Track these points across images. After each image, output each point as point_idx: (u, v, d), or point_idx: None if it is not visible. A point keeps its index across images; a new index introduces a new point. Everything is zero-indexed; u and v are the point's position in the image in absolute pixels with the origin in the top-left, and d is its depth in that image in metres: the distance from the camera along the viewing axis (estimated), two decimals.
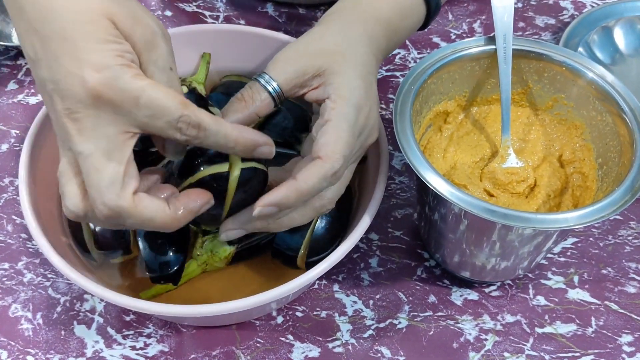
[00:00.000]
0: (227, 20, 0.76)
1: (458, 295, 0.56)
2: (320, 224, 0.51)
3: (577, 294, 0.57)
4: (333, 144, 0.44)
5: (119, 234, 0.51)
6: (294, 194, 0.44)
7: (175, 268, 0.50)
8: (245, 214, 0.47)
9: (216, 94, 0.58)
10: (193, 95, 0.57)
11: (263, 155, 0.45)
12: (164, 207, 0.41)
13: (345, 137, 0.44)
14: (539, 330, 0.54)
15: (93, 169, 0.39)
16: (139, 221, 0.40)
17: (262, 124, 0.56)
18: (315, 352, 0.53)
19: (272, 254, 0.52)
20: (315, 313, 0.55)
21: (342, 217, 0.53)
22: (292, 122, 0.56)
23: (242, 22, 0.76)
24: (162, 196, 0.43)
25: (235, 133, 0.42)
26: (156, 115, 0.39)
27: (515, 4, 0.77)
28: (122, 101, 0.38)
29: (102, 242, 0.51)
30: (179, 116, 0.39)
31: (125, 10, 0.40)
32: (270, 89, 0.46)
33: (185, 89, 0.57)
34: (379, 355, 0.53)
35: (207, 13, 0.77)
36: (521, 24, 0.76)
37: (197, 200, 0.43)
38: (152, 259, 0.49)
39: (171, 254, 0.50)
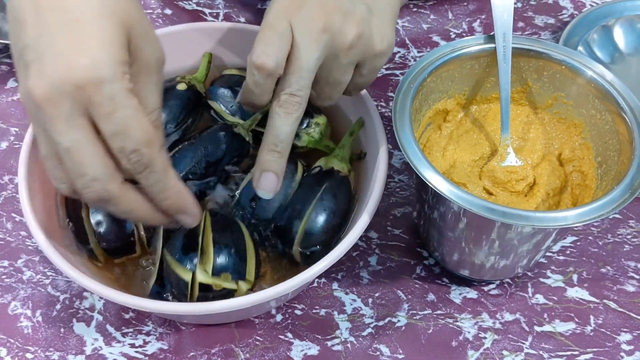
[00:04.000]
0: (227, 17, 0.76)
1: (457, 294, 0.56)
2: (315, 214, 0.51)
3: (576, 293, 0.57)
4: None
5: (123, 235, 0.51)
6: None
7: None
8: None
9: (216, 87, 0.58)
10: (191, 92, 0.58)
11: (182, 222, 0.44)
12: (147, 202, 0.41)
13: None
14: (537, 328, 0.55)
15: (77, 162, 0.38)
16: (124, 210, 0.40)
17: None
18: (314, 350, 0.53)
19: (267, 241, 0.52)
20: (314, 311, 0.55)
21: (339, 209, 0.52)
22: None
23: (242, 19, 0.76)
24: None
25: (174, 189, 0.41)
26: (118, 135, 0.38)
27: (515, 3, 0.77)
28: (99, 105, 0.36)
29: (106, 243, 0.51)
30: (133, 150, 0.38)
31: (142, 26, 0.39)
32: None
33: (184, 86, 0.57)
34: (378, 353, 0.53)
35: (206, 11, 0.77)
36: (520, 24, 0.76)
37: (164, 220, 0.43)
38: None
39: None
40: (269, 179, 0.45)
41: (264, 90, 0.45)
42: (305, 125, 0.55)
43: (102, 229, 0.50)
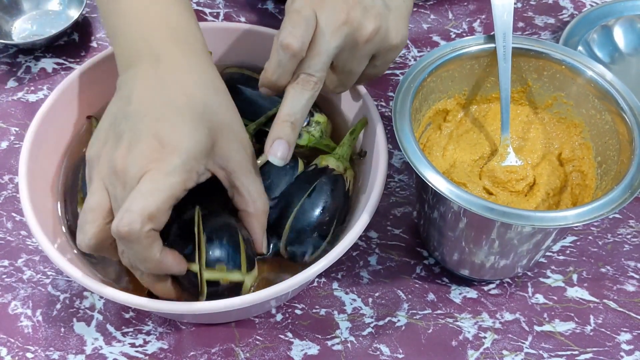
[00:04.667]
0: (227, 17, 0.76)
1: (457, 294, 0.56)
2: (301, 211, 0.51)
3: (576, 292, 0.57)
4: None
5: None
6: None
7: None
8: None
9: None
10: None
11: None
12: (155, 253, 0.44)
13: None
14: (537, 328, 0.55)
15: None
16: (139, 254, 0.43)
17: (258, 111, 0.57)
18: (314, 349, 0.53)
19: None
20: (314, 311, 0.55)
21: (329, 207, 0.52)
22: None
23: (242, 19, 0.76)
24: None
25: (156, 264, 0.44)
26: (133, 257, 0.43)
27: (515, 4, 0.77)
28: (129, 235, 0.41)
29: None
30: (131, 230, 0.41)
31: (231, 134, 0.47)
32: None
33: None
34: (378, 353, 0.53)
35: (207, 10, 0.77)
36: (520, 24, 0.76)
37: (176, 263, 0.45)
38: None
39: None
40: (281, 145, 0.48)
41: (286, 71, 0.47)
42: (306, 123, 0.55)
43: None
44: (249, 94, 0.57)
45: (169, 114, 0.44)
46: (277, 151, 0.48)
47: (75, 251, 0.51)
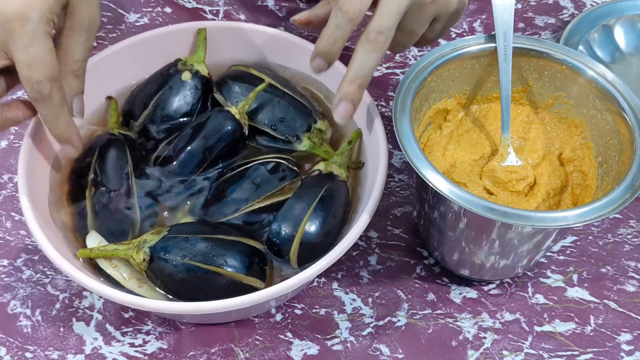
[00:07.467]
0: (227, 15, 0.76)
1: (457, 294, 0.56)
2: (311, 223, 0.51)
3: (576, 293, 0.57)
4: None
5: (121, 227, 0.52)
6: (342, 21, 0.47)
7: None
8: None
9: (224, 80, 0.59)
10: (198, 80, 0.58)
11: (65, 151, 0.51)
12: None
13: None
14: (537, 328, 0.55)
15: None
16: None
17: (257, 108, 0.57)
18: (314, 349, 0.53)
19: (266, 244, 0.52)
20: (314, 311, 0.55)
21: (336, 215, 0.52)
22: (292, 115, 0.56)
23: (242, 17, 0.76)
24: None
25: (64, 123, 0.48)
26: (28, 66, 0.44)
27: (515, 5, 0.77)
28: (20, 37, 0.43)
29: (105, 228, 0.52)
30: (38, 81, 0.45)
31: None
32: None
33: (188, 75, 0.58)
34: (378, 353, 0.53)
35: (206, 8, 0.76)
36: (521, 25, 0.75)
37: (19, 112, 0.49)
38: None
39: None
40: (346, 107, 0.49)
41: (342, 35, 0.48)
42: (307, 130, 0.56)
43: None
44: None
45: None
46: (343, 112, 0.49)
47: (74, 251, 0.51)
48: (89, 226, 0.52)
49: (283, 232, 0.50)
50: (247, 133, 0.56)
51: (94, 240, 0.51)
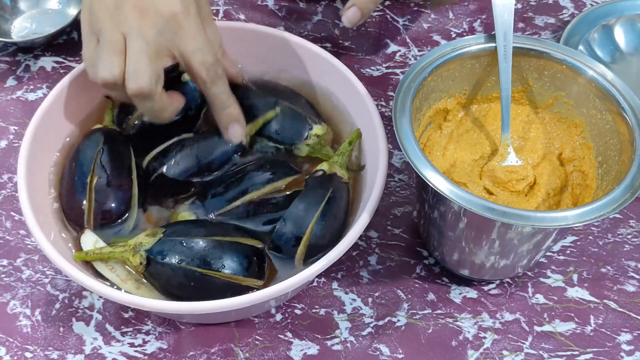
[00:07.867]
0: (227, 14, 0.76)
1: (457, 294, 0.56)
2: (318, 225, 0.51)
3: (576, 293, 0.57)
4: None
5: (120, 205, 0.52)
6: None
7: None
8: None
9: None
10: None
11: (232, 132, 0.53)
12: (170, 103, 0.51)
13: None
14: (537, 328, 0.54)
15: (143, 58, 0.47)
16: (158, 107, 0.49)
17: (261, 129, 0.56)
18: (314, 349, 0.53)
19: (272, 244, 0.52)
20: (314, 311, 0.55)
21: (340, 216, 0.52)
22: (288, 125, 0.56)
23: (242, 16, 0.76)
24: None
25: (234, 101, 0.52)
26: (201, 51, 0.48)
27: (515, 5, 0.77)
28: (188, 28, 0.48)
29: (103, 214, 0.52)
30: (213, 62, 0.49)
31: None
32: None
33: (187, 77, 0.57)
34: (378, 353, 0.53)
35: None
36: (521, 25, 0.75)
37: (180, 103, 0.52)
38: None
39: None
40: (356, 14, 0.58)
41: None
42: (305, 137, 0.56)
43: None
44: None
45: None
46: (351, 16, 0.57)
47: (73, 251, 0.51)
48: (85, 222, 0.52)
49: (290, 234, 0.50)
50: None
51: (89, 238, 0.51)
